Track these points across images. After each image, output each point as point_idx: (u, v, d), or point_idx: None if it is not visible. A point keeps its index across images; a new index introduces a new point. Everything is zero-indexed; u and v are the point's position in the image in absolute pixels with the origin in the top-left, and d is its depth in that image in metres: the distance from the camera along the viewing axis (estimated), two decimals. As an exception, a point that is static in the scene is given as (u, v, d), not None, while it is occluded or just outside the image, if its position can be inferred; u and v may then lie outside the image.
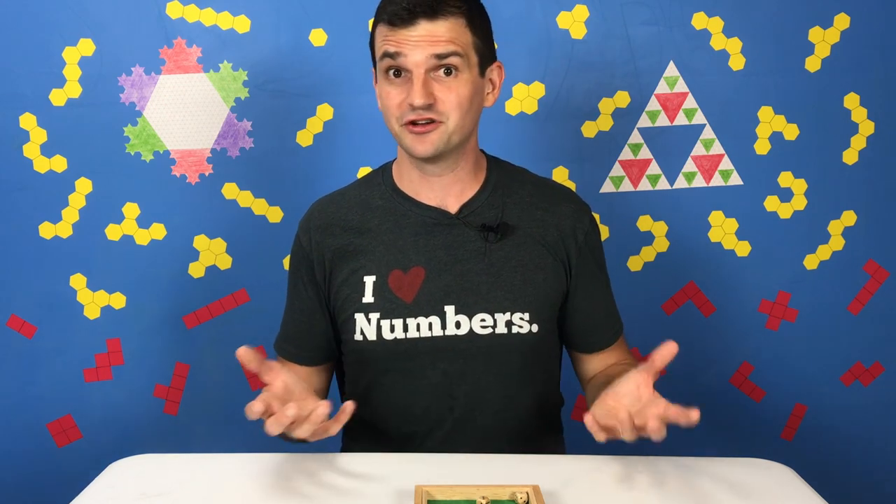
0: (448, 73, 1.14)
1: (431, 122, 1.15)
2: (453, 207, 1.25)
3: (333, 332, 1.29)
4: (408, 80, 1.14)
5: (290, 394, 1.06)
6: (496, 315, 1.20)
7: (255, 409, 0.97)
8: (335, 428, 1.03)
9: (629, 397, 1.03)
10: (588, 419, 1.00)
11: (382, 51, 1.15)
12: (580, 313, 1.28)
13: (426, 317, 1.20)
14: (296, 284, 1.29)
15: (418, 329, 1.20)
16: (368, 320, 1.21)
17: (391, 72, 1.15)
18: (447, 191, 1.24)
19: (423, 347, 1.20)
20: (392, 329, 1.20)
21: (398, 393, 1.23)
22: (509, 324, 1.21)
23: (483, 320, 1.20)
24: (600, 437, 1.00)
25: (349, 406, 1.03)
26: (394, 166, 1.30)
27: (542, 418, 1.29)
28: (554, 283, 1.25)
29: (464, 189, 1.25)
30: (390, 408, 1.25)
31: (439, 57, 1.13)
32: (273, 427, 0.98)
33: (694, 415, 0.96)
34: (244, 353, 1.03)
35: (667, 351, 1.01)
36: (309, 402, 1.05)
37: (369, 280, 1.22)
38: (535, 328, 1.22)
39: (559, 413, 1.36)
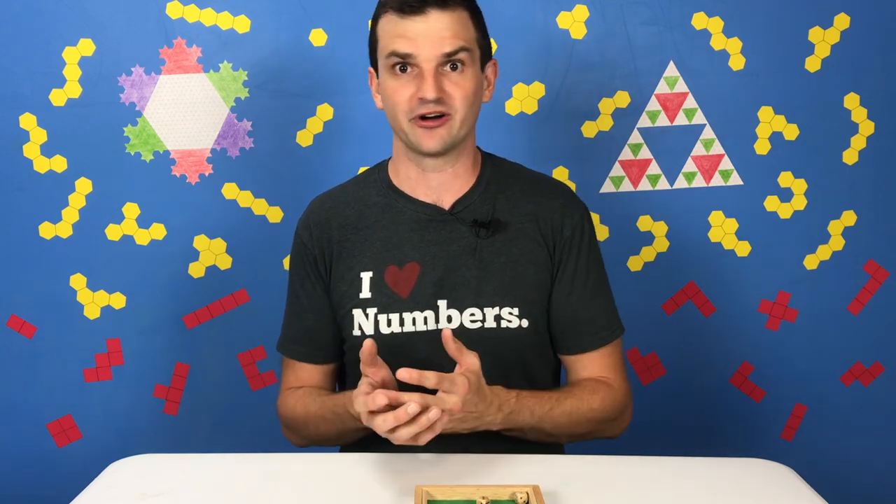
0: (454, 67, 1.16)
1: (440, 116, 1.16)
2: (447, 204, 1.26)
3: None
4: (415, 75, 1.16)
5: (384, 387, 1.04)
6: (485, 310, 1.21)
7: (378, 401, 0.96)
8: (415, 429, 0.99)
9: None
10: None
11: (391, 48, 1.16)
12: (558, 310, 1.26)
13: (421, 311, 1.22)
14: (302, 283, 1.29)
15: (414, 323, 1.21)
16: (366, 315, 1.22)
17: (397, 67, 1.16)
18: (445, 187, 1.25)
19: (418, 342, 1.21)
20: (389, 323, 1.22)
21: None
22: (498, 318, 1.21)
23: (472, 315, 1.21)
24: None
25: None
26: (389, 164, 1.31)
27: None
28: (545, 277, 1.25)
29: (460, 186, 1.26)
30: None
31: (448, 54, 1.15)
32: (388, 422, 0.96)
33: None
34: (370, 346, 1.02)
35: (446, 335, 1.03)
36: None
37: (366, 276, 1.24)
38: (524, 323, 1.22)
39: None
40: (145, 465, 1.12)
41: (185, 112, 1.73)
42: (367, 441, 1.27)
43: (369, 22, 1.69)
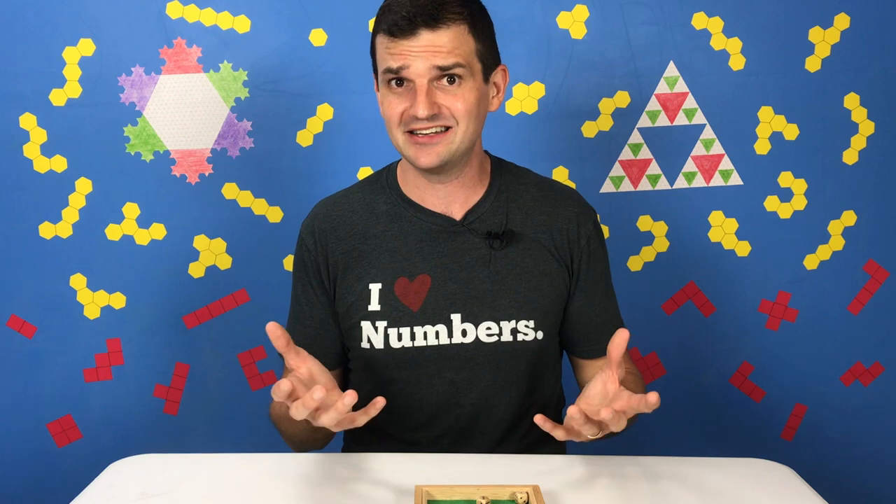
0: (452, 81, 1.12)
1: (439, 130, 1.13)
2: (458, 214, 1.23)
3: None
4: (410, 90, 1.13)
5: (314, 383, 1.00)
6: (502, 323, 1.19)
7: (282, 388, 0.91)
8: (362, 419, 0.97)
9: (597, 398, 1.01)
10: (539, 418, 0.98)
11: (385, 66, 1.13)
12: (580, 318, 1.26)
13: (433, 325, 1.19)
14: (304, 290, 1.27)
15: (425, 338, 1.19)
16: (375, 328, 1.20)
17: (393, 81, 1.13)
18: (452, 197, 1.23)
19: (429, 356, 1.19)
20: (399, 338, 1.19)
21: (403, 401, 1.23)
22: (515, 331, 1.20)
23: (489, 328, 1.19)
24: (558, 434, 0.99)
25: (380, 401, 0.97)
26: (398, 169, 1.27)
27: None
28: (559, 288, 1.24)
29: (468, 195, 1.23)
30: (395, 416, 1.23)
31: (442, 69, 1.11)
32: (299, 411, 0.92)
33: (651, 398, 0.94)
34: (273, 328, 0.95)
35: (619, 339, 0.99)
36: (334, 392, 0.99)
37: (375, 287, 1.21)
38: (539, 335, 1.21)
39: (561, 415, 1.36)
40: (145, 465, 1.12)
41: (185, 112, 1.73)
42: (368, 441, 1.27)
43: (370, 22, 1.70)
